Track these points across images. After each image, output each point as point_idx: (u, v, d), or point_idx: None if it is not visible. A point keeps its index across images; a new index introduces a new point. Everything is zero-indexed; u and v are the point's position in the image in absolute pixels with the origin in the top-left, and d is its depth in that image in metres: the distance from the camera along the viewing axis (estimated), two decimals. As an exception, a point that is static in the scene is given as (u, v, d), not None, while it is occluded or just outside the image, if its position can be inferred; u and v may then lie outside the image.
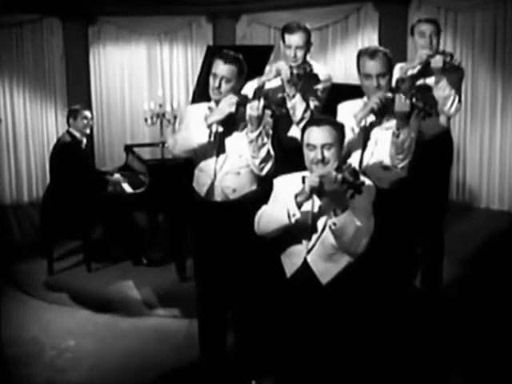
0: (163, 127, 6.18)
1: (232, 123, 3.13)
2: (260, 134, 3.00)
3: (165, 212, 5.08)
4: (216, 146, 3.17)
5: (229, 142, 3.17)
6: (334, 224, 2.46)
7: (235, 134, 3.16)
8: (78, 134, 5.13)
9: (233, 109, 3.03)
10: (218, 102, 3.13)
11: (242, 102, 3.02)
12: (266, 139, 3.05)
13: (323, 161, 2.56)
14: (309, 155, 2.60)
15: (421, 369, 3.35)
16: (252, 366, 3.31)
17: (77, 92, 7.75)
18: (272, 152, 3.11)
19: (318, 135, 2.58)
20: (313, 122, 2.68)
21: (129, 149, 5.74)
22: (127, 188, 5.04)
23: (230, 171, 3.17)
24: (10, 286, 4.76)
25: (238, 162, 3.17)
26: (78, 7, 7.59)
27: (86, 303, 4.41)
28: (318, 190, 2.45)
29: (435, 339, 3.63)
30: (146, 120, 6.46)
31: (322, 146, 2.57)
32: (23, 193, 7.76)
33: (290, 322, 2.68)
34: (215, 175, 3.18)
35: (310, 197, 2.53)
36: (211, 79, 3.15)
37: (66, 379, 3.43)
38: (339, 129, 2.65)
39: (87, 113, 5.20)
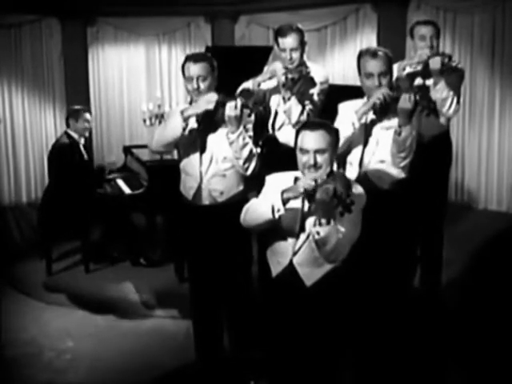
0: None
1: (211, 123, 3.11)
2: (240, 133, 3.00)
3: (163, 213, 5.07)
4: (198, 147, 3.15)
5: (212, 144, 3.15)
6: (318, 233, 2.42)
7: (218, 137, 3.14)
8: (76, 136, 5.12)
9: (210, 106, 3.00)
10: None
11: (223, 101, 2.99)
12: (247, 139, 3.04)
13: (315, 166, 2.53)
14: (301, 159, 2.58)
15: (418, 370, 3.35)
16: (249, 366, 3.31)
17: (75, 93, 7.72)
18: (255, 151, 3.10)
19: (311, 140, 2.55)
20: (306, 125, 2.64)
21: (127, 150, 5.74)
22: (126, 189, 5.04)
23: (215, 174, 3.16)
24: (8, 287, 4.77)
25: (222, 165, 3.16)
26: (77, 8, 7.58)
27: (85, 304, 4.42)
28: (309, 195, 2.42)
29: (434, 340, 3.64)
30: (144, 121, 6.43)
31: (315, 151, 2.54)
32: (22, 193, 7.73)
33: (275, 322, 2.68)
34: (201, 178, 3.17)
35: (297, 196, 2.50)
36: (188, 84, 3.14)
37: (64, 380, 3.43)
38: (333, 133, 2.61)
39: (88, 115, 5.20)
